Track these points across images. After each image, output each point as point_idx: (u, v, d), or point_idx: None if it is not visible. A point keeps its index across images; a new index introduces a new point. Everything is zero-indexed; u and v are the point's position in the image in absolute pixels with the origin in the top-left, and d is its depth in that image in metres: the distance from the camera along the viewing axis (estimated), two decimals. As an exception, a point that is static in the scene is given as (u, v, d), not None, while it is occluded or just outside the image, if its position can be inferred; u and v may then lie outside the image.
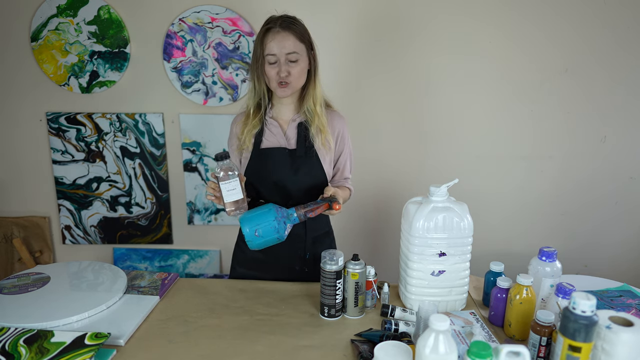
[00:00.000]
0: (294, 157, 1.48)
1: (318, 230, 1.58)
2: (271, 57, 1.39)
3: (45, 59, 2.26)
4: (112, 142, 2.36)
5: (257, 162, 1.50)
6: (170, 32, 2.20)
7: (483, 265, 1.52)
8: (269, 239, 1.32)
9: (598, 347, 0.99)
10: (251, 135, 1.49)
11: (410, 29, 2.16)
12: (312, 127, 1.48)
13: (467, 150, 2.29)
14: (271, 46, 1.39)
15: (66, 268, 1.59)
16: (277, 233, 1.32)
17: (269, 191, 1.50)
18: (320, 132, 1.48)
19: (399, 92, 2.24)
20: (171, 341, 1.23)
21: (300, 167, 1.48)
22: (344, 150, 1.58)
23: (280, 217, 1.33)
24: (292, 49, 1.40)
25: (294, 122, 1.50)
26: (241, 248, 1.63)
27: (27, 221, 2.47)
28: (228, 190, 1.26)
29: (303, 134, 1.49)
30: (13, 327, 1.23)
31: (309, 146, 1.49)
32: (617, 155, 2.27)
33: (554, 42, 2.15)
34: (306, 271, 1.57)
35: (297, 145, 1.49)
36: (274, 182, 1.49)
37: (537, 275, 1.26)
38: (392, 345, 1.06)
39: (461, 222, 1.31)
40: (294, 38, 1.40)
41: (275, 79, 1.41)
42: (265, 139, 1.51)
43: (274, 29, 1.39)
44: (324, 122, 1.49)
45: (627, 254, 2.38)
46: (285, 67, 1.40)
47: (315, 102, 1.47)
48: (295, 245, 1.53)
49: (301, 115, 1.50)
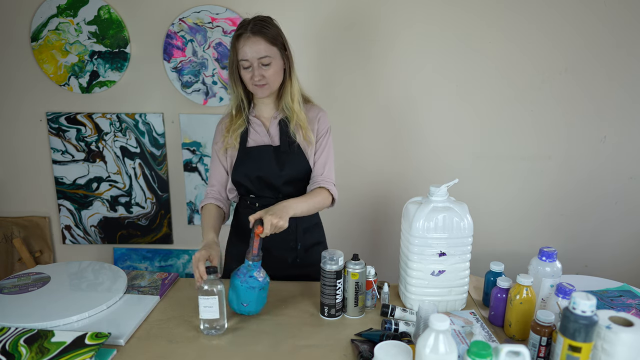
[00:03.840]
0: (279, 153, 1.53)
1: (308, 221, 1.61)
2: (244, 62, 1.43)
3: (45, 59, 2.26)
4: (112, 142, 2.36)
5: (244, 160, 1.54)
6: (170, 32, 2.20)
7: (483, 265, 1.52)
8: (255, 296, 1.29)
9: (598, 347, 0.99)
10: (237, 135, 1.54)
11: (409, 29, 2.16)
12: (292, 123, 1.52)
13: (467, 150, 2.29)
14: (243, 52, 1.42)
15: (66, 268, 1.59)
16: (256, 287, 1.28)
17: (257, 187, 1.55)
18: (301, 128, 1.53)
19: (398, 92, 2.24)
20: (171, 341, 1.23)
21: (285, 162, 1.52)
22: (321, 144, 1.57)
23: (244, 277, 1.28)
24: (264, 53, 1.42)
25: (275, 120, 1.55)
26: (233, 244, 1.67)
27: (27, 221, 2.47)
28: (205, 306, 1.22)
29: (285, 130, 1.53)
30: (13, 327, 1.23)
31: (291, 142, 1.53)
32: (617, 155, 2.27)
33: (554, 42, 2.15)
34: (298, 261, 1.60)
35: (280, 141, 1.53)
36: (262, 178, 1.53)
37: (537, 275, 1.26)
38: (392, 345, 1.06)
39: (461, 222, 1.31)
40: (265, 42, 1.43)
41: (251, 82, 1.46)
42: (250, 138, 1.55)
43: (244, 34, 1.42)
44: (303, 117, 1.52)
45: (627, 254, 2.38)
46: (259, 71, 1.43)
47: (292, 99, 1.51)
48: (286, 237, 1.57)
49: (280, 113, 1.55)
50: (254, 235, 1.28)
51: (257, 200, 1.57)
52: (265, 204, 1.48)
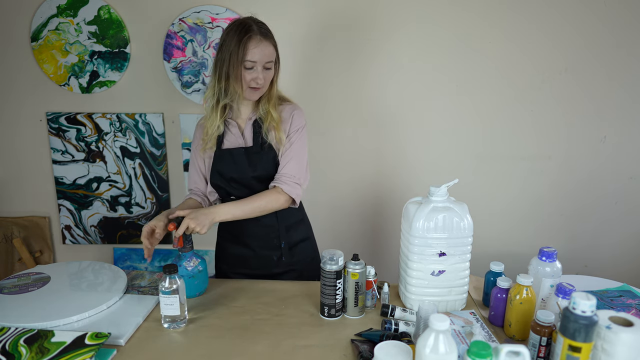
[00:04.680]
0: (250, 153, 1.54)
1: (290, 218, 1.62)
2: (250, 63, 1.43)
3: (45, 59, 2.26)
4: (112, 142, 2.36)
5: (219, 162, 1.56)
6: (170, 32, 2.20)
7: (483, 265, 1.52)
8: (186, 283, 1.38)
9: (598, 347, 0.99)
10: (215, 137, 1.55)
11: (410, 29, 2.16)
12: (265, 124, 1.53)
13: (467, 150, 2.29)
14: (253, 53, 1.42)
15: (66, 268, 1.59)
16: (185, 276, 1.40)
17: (234, 188, 1.57)
18: (274, 129, 1.53)
19: (398, 92, 2.24)
20: (171, 341, 1.23)
21: (257, 163, 1.54)
22: (289, 141, 1.55)
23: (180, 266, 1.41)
24: (271, 57, 1.46)
25: (250, 121, 1.57)
26: (222, 246, 1.70)
27: (27, 221, 2.47)
28: (166, 303, 1.26)
29: (258, 130, 1.55)
30: (13, 327, 1.23)
31: (263, 142, 1.54)
32: (617, 155, 2.27)
33: (554, 42, 2.15)
34: (283, 260, 1.61)
35: (253, 142, 1.55)
36: (236, 179, 1.54)
37: (537, 275, 1.26)
38: (392, 345, 1.06)
39: (461, 222, 1.31)
40: (272, 47, 1.47)
41: (250, 84, 1.46)
42: (225, 140, 1.57)
43: (256, 36, 1.43)
44: (277, 118, 1.53)
45: (627, 254, 2.38)
46: (262, 74, 1.46)
47: (269, 102, 1.53)
48: (269, 235, 1.60)
49: (256, 114, 1.56)
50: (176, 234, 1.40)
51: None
52: None
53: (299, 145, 1.55)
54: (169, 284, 1.25)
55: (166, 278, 1.25)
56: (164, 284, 1.25)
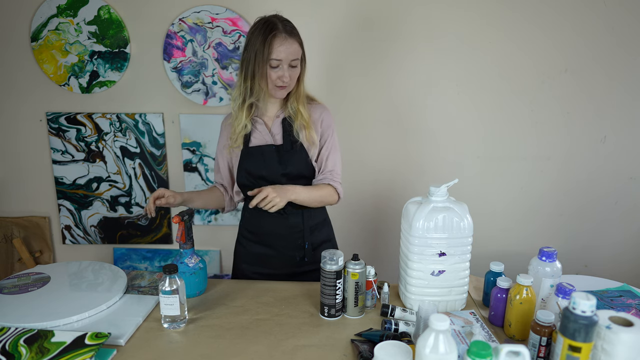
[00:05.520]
0: (281, 152, 1.53)
1: (315, 219, 1.62)
2: (275, 61, 1.42)
3: (45, 59, 2.26)
4: (112, 142, 2.36)
5: (247, 160, 1.55)
6: (170, 32, 2.20)
7: (483, 265, 1.52)
8: (187, 280, 1.40)
9: (598, 347, 0.99)
10: (242, 136, 1.54)
11: (410, 29, 2.16)
12: (296, 123, 1.53)
13: (467, 150, 2.29)
14: (279, 51, 1.41)
15: (66, 268, 1.59)
16: (186, 272, 1.41)
17: (262, 186, 1.53)
18: (304, 128, 1.53)
19: (398, 92, 2.24)
20: (171, 341, 1.23)
21: (288, 161, 1.53)
22: (327, 142, 1.58)
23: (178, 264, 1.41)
24: (296, 55, 1.45)
25: (278, 119, 1.55)
26: (242, 244, 1.68)
27: (27, 221, 2.47)
28: (166, 304, 1.26)
29: (288, 129, 1.54)
30: (13, 327, 1.23)
31: (294, 140, 1.53)
32: (617, 155, 2.27)
33: (554, 43, 2.15)
34: (306, 260, 1.61)
35: (283, 140, 1.53)
36: (264, 177, 1.53)
37: (537, 275, 1.26)
38: (392, 345, 1.06)
39: (461, 222, 1.31)
40: (298, 45, 1.45)
41: (276, 82, 1.45)
42: (253, 137, 1.56)
43: (280, 34, 1.41)
44: (307, 117, 1.53)
45: (627, 254, 2.38)
46: (288, 72, 1.44)
47: (298, 101, 1.52)
48: (294, 236, 1.59)
49: (284, 112, 1.55)
50: (179, 225, 1.40)
51: None
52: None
53: (336, 144, 1.60)
54: (169, 284, 1.25)
55: (166, 278, 1.25)
56: (164, 284, 1.25)
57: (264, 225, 1.59)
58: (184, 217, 1.41)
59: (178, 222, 1.40)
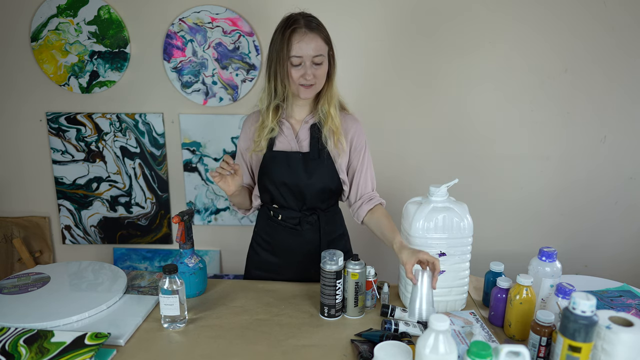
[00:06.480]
0: (307, 160, 1.45)
1: (332, 233, 1.58)
2: (296, 58, 1.33)
3: (45, 59, 2.26)
4: (112, 142, 2.36)
5: (270, 164, 1.47)
6: (170, 32, 2.20)
7: (483, 265, 1.52)
8: (187, 280, 1.41)
9: (598, 347, 0.99)
10: (267, 139, 1.46)
11: (410, 30, 2.16)
12: (325, 128, 1.44)
13: (467, 150, 2.29)
14: (298, 47, 1.32)
15: (66, 268, 1.59)
16: (186, 272, 1.41)
17: (283, 194, 1.49)
18: (333, 134, 1.44)
19: (398, 92, 2.24)
20: (171, 341, 1.23)
21: (314, 170, 1.45)
22: (363, 160, 1.51)
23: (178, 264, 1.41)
24: (319, 51, 1.34)
25: (307, 124, 1.48)
26: (255, 251, 1.63)
27: (27, 221, 2.47)
28: (165, 304, 1.25)
29: (316, 136, 1.45)
30: (13, 327, 1.23)
31: (321, 148, 1.45)
32: (617, 155, 2.27)
33: (554, 43, 2.15)
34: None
35: (310, 147, 1.46)
36: (288, 185, 1.47)
37: (537, 275, 1.26)
38: (392, 345, 1.06)
39: (461, 222, 1.31)
40: (320, 40, 1.35)
41: (299, 81, 1.36)
42: (278, 142, 1.47)
43: (300, 29, 1.32)
44: (337, 123, 1.44)
45: (627, 254, 2.38)
46: (311, 70, 1.35)
47: (329, 103, 1.43)
48: (310, 251, 1.54)
49: (314, 117, 1.47)
50: (179, 225, 1.40)
51: (280, 211, 1.52)
52: (288, 216, 1.50)
53: (371, 161, 1.54)
54: (169, 284, 1.25)
55: (166, 278, 1.25)
56: (164, 284, 1.25)
57: (278, 238, 1.55)
58: (183, 217, 1.41)
59: (178, 222, 1.39)
